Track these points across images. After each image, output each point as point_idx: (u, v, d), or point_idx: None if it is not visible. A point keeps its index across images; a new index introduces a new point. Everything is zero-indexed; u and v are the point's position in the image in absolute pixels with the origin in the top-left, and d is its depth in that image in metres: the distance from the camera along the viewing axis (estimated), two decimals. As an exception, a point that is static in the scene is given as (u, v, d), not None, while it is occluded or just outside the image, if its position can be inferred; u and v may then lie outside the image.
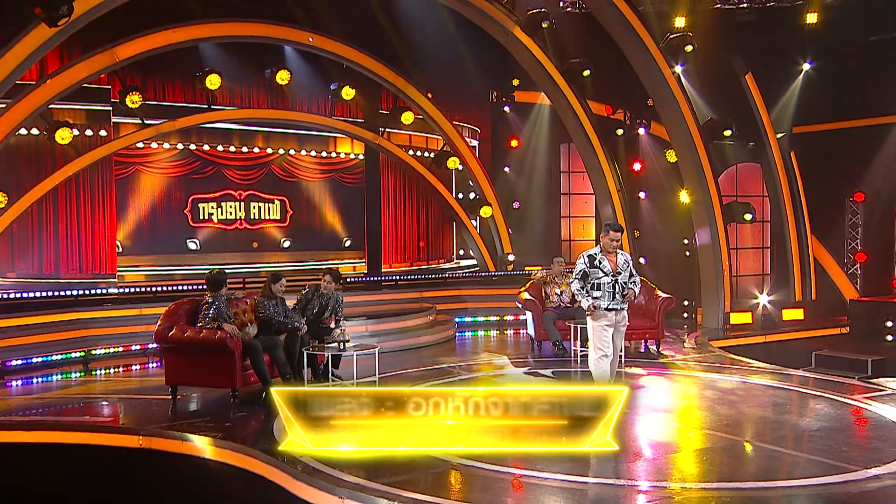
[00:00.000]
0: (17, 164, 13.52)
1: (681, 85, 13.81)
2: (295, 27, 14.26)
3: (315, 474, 5.65)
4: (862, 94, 16.50)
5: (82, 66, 12.48)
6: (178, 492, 6.78)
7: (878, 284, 17.01)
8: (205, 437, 6.74)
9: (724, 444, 6.71)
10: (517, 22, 13.78)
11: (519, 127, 18.21)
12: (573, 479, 5.65)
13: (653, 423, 7.52)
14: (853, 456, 6.28)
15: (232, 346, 7.88)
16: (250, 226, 16.57)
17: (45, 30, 10.11)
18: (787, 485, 5.66)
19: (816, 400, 8.39)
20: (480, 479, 5.72)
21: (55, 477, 7.17)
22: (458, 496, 5.45)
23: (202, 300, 8.41)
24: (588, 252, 7.79)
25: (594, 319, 7.61)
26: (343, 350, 8.48)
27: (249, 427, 7.28)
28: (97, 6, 10.49)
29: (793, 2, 17.39)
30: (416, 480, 5.61)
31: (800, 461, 6.41)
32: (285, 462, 5.93)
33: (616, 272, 7.65)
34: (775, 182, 15.62)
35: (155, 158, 15.43)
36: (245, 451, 6.36)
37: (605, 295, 7.55)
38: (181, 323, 8.25)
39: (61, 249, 14.12)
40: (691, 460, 6.45)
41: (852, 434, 7.09)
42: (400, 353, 11.57)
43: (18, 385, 9.75)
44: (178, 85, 14.98)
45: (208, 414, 7.82)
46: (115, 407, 8.65)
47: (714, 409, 7.96)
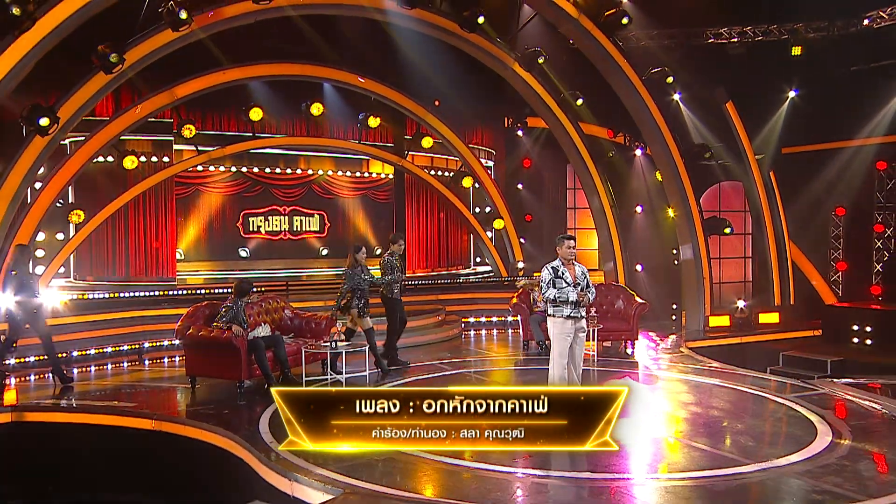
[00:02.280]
0: (94, 186, 14.09)
1: (663, 114, 13.59)
2: (334, 66, 14.63)
3: (276, 460, 5.85)
4: (843, 118, 16.09)
5: (147, 104, 13.06)
6: (177, 465, 7.10)
7: (858, 291, 16.50)
8: (202, 423, 7.04)
9: (641, 437, 6.60)
10: (516, 58, 13.78)
11: (530, 148, 18.17)
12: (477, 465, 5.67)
13: None
14: (751, 450, 6.19)
15: (238, 345, 8.17)
16: (293, 236, 16.93)
17: (102, 77, 10.63)
18: (674, 476, 5.59)
19: (750, 398, 8.24)
20: (433, 471, 5.68)
21: (86, 451, 7.58)
22: (386, 482, 5.44)
23: (221, 303, 8.75)
24: (550, 264, 7.65)
25: (557, 330, 7.51)
26: (335, 348, 8.67)
27: (242, 416, 7.43)
28: (144, 57, 10.95)
29: (779, 36, 17.01)
30: (362, 468, 5.62)
31: (704, 454, 6.24)
32: (256, 448, 6.16)
33: (576, 283, 7.61)
34: (755, 199, 15.27)
35: (212, 180, 15.92)
36: (228, 435, 6.62)
37: (566, 304, 7.45)
38: (199, 323, 8.60)
39: (130, 257, 14.67)
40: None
41: (765, 430, 6.90)
42: (408, 348, 11.68)
43: (82, 372, 10.26)
44: (232, 116, 15.41)
45: (215, 402, 8.12)
46: (146, 394, 9.01)
47: (652, 405, 7.86)
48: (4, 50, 8.73)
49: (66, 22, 9.03)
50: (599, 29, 12.73)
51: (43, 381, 9.37)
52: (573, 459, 6.02)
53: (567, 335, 7.54)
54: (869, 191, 16.65)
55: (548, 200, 18.62)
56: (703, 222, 13.99)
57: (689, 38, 17.36)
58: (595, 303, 11.79)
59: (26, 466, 7.67)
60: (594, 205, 15.34)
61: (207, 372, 8.59)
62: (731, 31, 17.36)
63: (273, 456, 5.93)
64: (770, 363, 12.80)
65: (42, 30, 8.86)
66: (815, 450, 6.19)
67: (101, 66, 10.28)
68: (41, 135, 10.05)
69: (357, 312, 9.41)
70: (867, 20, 15.97)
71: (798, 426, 6.98)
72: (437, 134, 16.05)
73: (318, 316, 9.97)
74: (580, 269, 7.74)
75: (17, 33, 8.71)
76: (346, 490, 5.10)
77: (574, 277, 7.57)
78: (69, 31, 9.18)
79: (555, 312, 7.58)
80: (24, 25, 8.54)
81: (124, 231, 14.66)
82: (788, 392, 8.40)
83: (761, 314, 14.54)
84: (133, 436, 7.38)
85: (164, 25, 10.60)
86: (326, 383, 8.80)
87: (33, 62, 9.06)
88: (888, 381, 9.54)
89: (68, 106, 10.60)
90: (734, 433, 6.79)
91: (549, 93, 14.38)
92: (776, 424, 7.07)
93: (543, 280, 7.65)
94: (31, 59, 9.03)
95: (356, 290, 9.33)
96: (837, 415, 7.32)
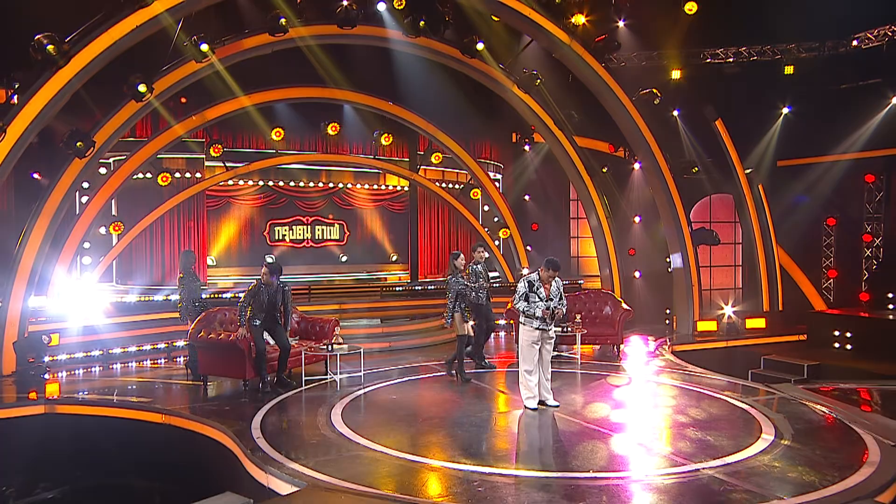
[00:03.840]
0: (132, 200, 14.74)
1: (652, 130, 13.60)
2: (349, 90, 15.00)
3: (257, 453, 6.18)
4: (833, 133, 15.99)
5: (180, 126, 13.61)
6: (180, 455, 7.50)
7: (848, 297, 16.30)
8: (202, 418, 7.42)
9: (591, 435, 6.76)
10: (515, 81, 13.97)
11: (536, 162, 18.32)
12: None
13: (546, 414, 7.58)
14: (691, 451, 6.27)
15: (242, 347, 8.56)
16: (315, 244, 17.39)
17: (133, 105, 11.15)
18: (598, 476, 5.67)
19: (711, 401, 8.27)
20: (396, 468, 5.84)
21: (107, 441, 8.04)
22: (344, 475, 5.60)
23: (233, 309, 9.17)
24: (528, 278, 7.84)
25: (525, 336, 7.71)
26: (332, 351, 9.00)
27: (239, 413, 7.67)
28: (171, 86, 11.43)
29: (772, 56, 16.93)
30: (331, 464, 5.86)
31: (644, 453, 6.31)
32: (244, 443, 6.50)
33: (549, 298, 7.79)
34: (744, 210, 15.19)
35: (241, 193, 16.46)
36: (223, 430, 6.99)
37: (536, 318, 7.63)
38: (210, 326, 9.00)
39: (165, 263, 15.29)
40: (542, 449, 6.60)
41: (713, 431, 6.91)
42: (414, 349, 12.02)
43: (116, 367, 10.84)
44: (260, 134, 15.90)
45: (220, 398, 8.54)
46: (164, 389, 9.43)
47: (613, 406, 8.03)
48: (43, 84, 9.25)
49: (99, 58, 9.51)
50: (590, 54, 12.84)
51: (73, 377, 9.93)
52: (518, 454, 6.26)
53: (535, 342, 7.79)
54: (859, 202, 16.49)
55: (552, 211, 18.75)
56: (692, 233, 13.98)
57: (688, 59, 17.36)
58: (584, 309, 12.02)
59: (57, 453, 8.18)
60: (592, 223, 15.40)
61: (216, 371, 8.99)
62: (727, 52, 17.34)
63: (255, 450, 6.26)
64: (753, 366, 12.80)
65: (77, 65, 9.36)
66: (753, 451, 6.28)
67: (132, 96, 10.80)
68: (79, 157, 10.60)
69: (460, 317, 9.18)
70: (856, 41, 15.87)
71: (745, 428, 7.04)
72: (446, 149, 16.32)
73: (321, 319, 10.32)
74: (556, 284, 7.90)
75: (54, 69, 9.22)
76: (310, 483, 5.40)
77: (548, 293, 7.75)
78: (102, 66, 9.65)
79: (525, 322, 7.83)
80: (59, 63, 9.02)
81: (160, 240, 15.28)
82: (749, 396, 8.44)
83: (748, 319, 14.44)
84: (145, 428, 7.83)
85: (189, 58, 11.07)
86: (325, 383, 9.14)
87: (70, 94, 9.55)
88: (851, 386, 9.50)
89: (104, 131, 11.13)
90: (681, 434, 6.86)
91: (547, 113, 14.49)
92: (725, 426, 7.12)
93: (518, 292, 7.86)
94: (69, 91, 9.53)
95: (460, 295, 9.16)
96: (786, 418, 7.36)
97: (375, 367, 10.27)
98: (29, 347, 10.07)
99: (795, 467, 5.86)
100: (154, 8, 9.37)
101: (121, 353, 11.31)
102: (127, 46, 9.63)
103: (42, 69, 9.27)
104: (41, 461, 8.05)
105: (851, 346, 13.29)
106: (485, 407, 8.06)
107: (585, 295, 12.44)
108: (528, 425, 7.33)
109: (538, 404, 7.82)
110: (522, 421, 7.46)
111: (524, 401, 7.84)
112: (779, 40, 16.63)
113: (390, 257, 18.20)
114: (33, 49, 8.97)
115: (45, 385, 9.38)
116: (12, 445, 8.12)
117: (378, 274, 17.72)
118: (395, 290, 15.43)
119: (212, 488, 6.74)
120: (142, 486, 7.69)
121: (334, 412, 7.60)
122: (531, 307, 7.69)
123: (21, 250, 10.41)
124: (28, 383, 9.50)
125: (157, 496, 7.22)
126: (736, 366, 12.77)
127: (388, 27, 12.57)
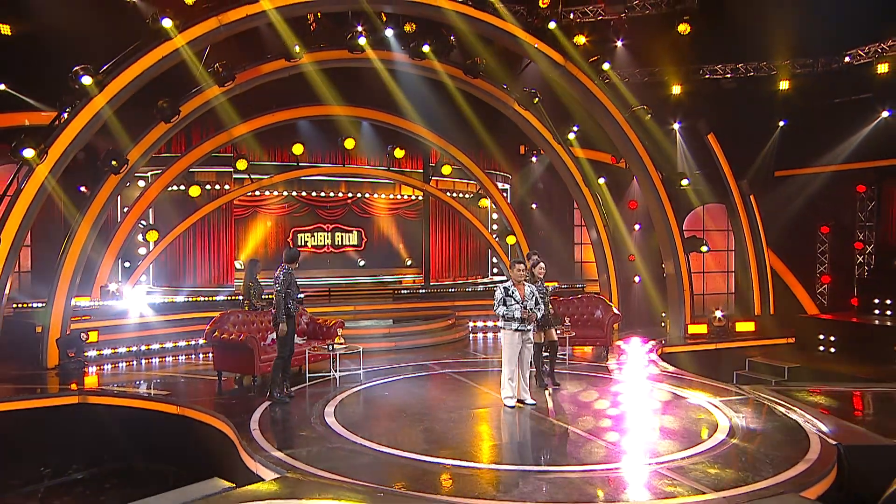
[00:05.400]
0: (166, 210, 15.42)
1: (645, 144, 13.72)
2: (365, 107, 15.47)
3: (250, 443, 6.59)
4: (827, 145, 15.92)
5: (209, 143, 14.24)
6: (190, 442, 7.97)
7: (841, 302, 16.19)
8: (210, 410, 7.88)
9: (555, 432, 7.02)
10: (516, 99, 14.22)
11: (542, 173, 18.54)
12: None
13: (522, 413, 7.79)
14: (645, 447, 6.49)
15: (251, 346, 9.01)
16: (335, 250, 17.88)
17: (163, 126, 11.75)
18: (550, 469, 5.90)
19: (679, 401, 8.42)
20: (375, 461, 6.15)
21: (130, 429, 8.59)
22: (323, 465, 5.94)
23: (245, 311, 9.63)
24: (503, 285, 8.12)
25: (506, 339, 7.96)
26: (332, 350, 9.40)
27: (244, 406, 8.04)
28: (196, 108, 12.00)
29: (768, 72, 16.89)
30: (314, 455, 6.19)
31: (600, 449, 6.46)
32: (241, 433, 6.92)
33: (524, 301, 8.08)
34: (737, 219, 15.20)
35: (267, 202, 17.04)
36: (226, 421, 7.43)
37: (514, 320, 7.89)
38: (224, 327, 9.49)
39: (197, 267, 15.95)
40: (510, 444, 6.85)
41: (671, 429, 7.08)
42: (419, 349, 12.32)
43: (149, 362, 11.43)
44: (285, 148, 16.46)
45: (231, 393, 9.00)
46: (184, 383, 9.92)
47: (586, 403, 8.25)
48: (80, 111, 9.87)
49: (129, 86, 10.09)
50: (584, 73, 13.03)
51: (107, 371, 10.54)
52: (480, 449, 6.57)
53: (515, 345, 8.05)
54: (851, 211, 16.37)
55: (557, 218, 18.93)
56: (684, 241, 14.06)
57: (688, 75, 17.40)
58: (577, 312, 12.22)
59: (88, 439, 8.76)
60: (592, 236, 15.54)
61: (229, 367, 9.47)
62: (725, 68, 17.33)
63: (249, 440, 6.68)
64: (738, 368, 12.84)
65: (109, 93, 9.95)
66: (701, 448, 6.46)
67: (161, 118, 11.39)
68: (114, 174, 11.23)
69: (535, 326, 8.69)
70: (847, 58, 15.79)
71: (702, 428, 7.20)
72: (456, 161, 16.66)
73: (328, 321, 10.72)
74: (529, 288, 8.17)
75: (91, 96, 9.83)
76: (290, 471, 5.79)
77: (523, 296, 8.02)
78: (132, 93, 10.23)
79: (505, 326, 8.09)
80: (93, 92, 9.63)
81: (193, 246, 15.92)
82: (717, 397, 8.56)
83: (738, 323, 14.46)
84: (163, 418, 8.32)
85: (212, 83, 11.62)
86: (327, 380, 9.51)
87: (103, 119, 10.15)
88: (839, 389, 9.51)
89: (136, 149, 11.75)
90: (638, 431, 7.08)
91: (546, 129, 14.72)
92: (684, 425, 7.28)
93: (496, 299, 8.13)
94: (102, 116, 10.13)
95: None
96: (744, 418, 7.51)
97: (379, 366, 10.57)
98: (69, 343, 10.70)
99: (736, 464, 6.04)
100: (176, 41, 9.90)
101: (152, 350, 11.89)
102: (154, 75, 10.19)
103: (80, 96, 9.89)
104: (74, 446, 8.64)
105: (835, 349, 13.24)
106: (466, 404, 8.31)
107: (578, 299, 12.64)
108: (502, 422, 7.61)
109: (517, 402, 8.09)
110: (498, 417, 7.74)
111: (503, 399, 8.11)
112: (774, 57, 16.59)
113: (405, 262, 18.60)
114: (71, 79, 9.58)
115: (84, 378, 10.00)
116: (50, 432, 8.74)
117: (394, 277, 18.13)
118: (404, 293, 15.84)
119: (216, 473, 7.22)
120: (158, 470, 8.17)
121: (328, 407, 7.99)
122: (510, 311, 7.97)
123: (64, 256, 11.05)
124: (68, 376, 10.13)
125: (171, 478, 7.68)
126: (723, 367, 12.86)
127: (394, 51, 12.94)
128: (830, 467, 5.97)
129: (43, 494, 7.67)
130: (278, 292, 8.16)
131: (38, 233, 14.69)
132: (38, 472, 8.15)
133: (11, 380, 9.73)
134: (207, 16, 10.13)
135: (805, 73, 16.44)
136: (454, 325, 14.05)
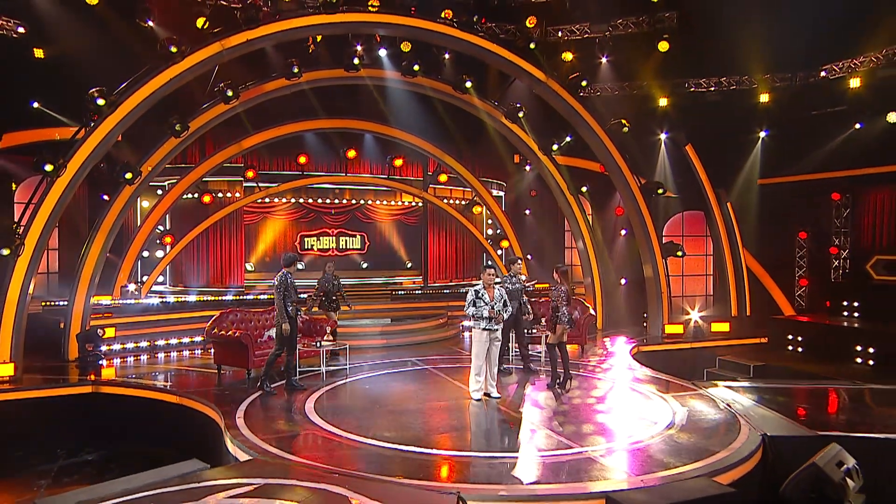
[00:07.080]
0: (181, 216, 16.08)
1: (624, 155, 14.03)
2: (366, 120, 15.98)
3: (231, 429, 7.09)
4: (805, 155, 16.04)
5: (221, 154, 14.85)
6: (188, 429, 8.49)
7: (817, 305, 16.31)
8: (204, 400, 8.41)
9: (515, 423, 7.40)
10: (503, 112, 14.61)
11: (535, 180, 18.87)
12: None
13: (488, 405, 8.19)
14: (589, 436, 6.86)
15: (245, 342, 9.53)
16: (339, 253, 18.38)
17: (173, 140, 12.35)
18: (504, 455, 6.32)
19: (635, 395, 8.77)
20: (341, 447, 6.68)
21: (138, 416, 9.16)
22: (293, 449, 6.51)
23: (242, 310, 10.16)
24: (474, 287, 8.55)
25: (477, 338, 8.42)
26: (319, 346, 9.86)
27: (235, 397, 8.55)
28: (205, 124, 12.58)
29: (749, 85, 17.07)
30: (287, 441, 6.73)
31: (551, 439, 6.81)
32: (227, 420, 7.43)
33: (493, 303, 8.51)
34: (714, 224, 15.44)
35: (276, 209, 17.61)
36: (217, 410, 7.94)
37: (483, 319, 8.36)
38: (222, 324, 10.03)
39: (210, 269, 16.57)
40: (473, 433, 7.24)
41: (619, 421, 7.46)
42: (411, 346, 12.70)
43: (167, 355, 12.01)
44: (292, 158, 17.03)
45: (227, 385, 9.51)
46: (186, 375, 10.45)
47: (544, 397, 8.62)
48: (96, 129, 10.48)
49: (140, 105, 10.67)
50: (565, 89, 13.39)
51: (122, 364, 11.15)
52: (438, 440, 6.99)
53: (484, 342, 8.49)
54: (828, 217, 16.49)
55: (549, 224, 19.26)
56: (661, 246, 14.33)
57: (673, 88, 17.65)
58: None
59: (100, 425, 9.36)
60: (579, 246, 15.82)
61: (227, 362, 10.00)
62: (709, 81, 17.56)
63: (231, 427, 7.18)
64: (709, 366, 13.09)
65: (122, 112, 10.55)
66: (638, 437, 6.84)
67: (172, 133, 11.99)
68: (129, 184, 11.85)
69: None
70: (824, 72, 15.96)
71: (647, 419, 7.55)
72: (451, 170, 17.11)
73: (322, 320, 11.21)
74: (498, 291, 8.61)
75: (104, 116, 10.44)
76: (261, 454, 6.27)
77: (492, 298, 8.46)
78: (143, 112, 10.81)
79: (475, 325, 8.53)
80: (107, 112, 10.24)
81: (205, 249, 16.55)
82: (672, 392, 8.89)
83: (714, 323, 14.70)
84: (166, 406, 8.89)
85: (218, 100, 12.20)
86: (318, 374, 9.98)
87: (117, 136, 10.74)
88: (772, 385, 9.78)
89: (150, 162, 12.37)
90: (587, 422, 7.43)
91: (532, 139, 15.09)
92: (631, 417, 7.62)
93: (467, 300, 8.57)
94: (116, 134, 10.71)
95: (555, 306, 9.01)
96: (689, 411, 7.84)
97: (367, 362, 10.99)
98: (88, 338, 11.34)
99: (664, 452, 6.41)
100: (183, 65, 10.48)
101: (167, 345, 12.49)
102: (164, 95, 10.76)
103: (95, 114, 10.50)
104: (86, 431, 9.25)
105: (803, 349, 13.44)
106: (438, 397, 8.72)
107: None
108: (468, 413, 8.03)
109: (483, 395, 8.52)
110: (464, 409, 8.16)
111: (471, 392, 8.54)
112: (755, 72, 16.79)
113: (406, 264, 19.06)
114: (88, 100, 10.19)
115: (100, 370, 10.62)
116: (66, 417, 9.35)
117: (395, 279, 18.61)
118: (401, 293, 16.34)
119: (206, 456, 7.64)
120: (158, 453, 8.70)
121: (310, 399, 8.49)
122: (479, 311, 8.41)
123: (84, 259, 11.70)
124: (86, 368, 10.76)
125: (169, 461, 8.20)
126: (696, 365, 13.13)
127: (387, 69, 13.43)
128: (749, 455, 6.31)
129: (56, 473, 8.25)
130: (277, 296, 8.60)
131: (64, 237, 15.47)
132: (54, 453, 8.75)
133: (37, 370, 10.39)
134: (210, 41, 10.67)
135: (784, 87, 16.65)
136: (446, 324, 14.45)
